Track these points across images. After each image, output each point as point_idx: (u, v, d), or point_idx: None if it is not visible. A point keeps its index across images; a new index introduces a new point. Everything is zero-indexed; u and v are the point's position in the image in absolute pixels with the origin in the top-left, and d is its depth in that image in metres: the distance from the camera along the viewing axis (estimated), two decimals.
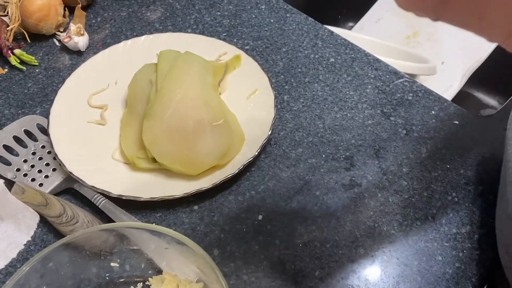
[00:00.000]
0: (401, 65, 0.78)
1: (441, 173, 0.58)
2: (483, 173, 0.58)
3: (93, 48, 0.72)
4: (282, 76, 0.68)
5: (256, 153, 0.57)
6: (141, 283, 0.48)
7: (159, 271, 0.48)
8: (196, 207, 0.55)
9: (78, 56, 0.71)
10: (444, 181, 0.57)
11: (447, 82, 0.98)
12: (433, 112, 0.64)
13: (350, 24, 1.18)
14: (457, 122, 0.63)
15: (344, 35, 0.76)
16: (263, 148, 0.58)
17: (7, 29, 0.68)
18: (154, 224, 0.53)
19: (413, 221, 0.54)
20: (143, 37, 0.70)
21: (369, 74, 0.69)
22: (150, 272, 0.48)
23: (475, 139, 0.61)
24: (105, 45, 0.71)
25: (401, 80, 0.68)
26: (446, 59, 0.99)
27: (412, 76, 0.77)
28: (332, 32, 0.74)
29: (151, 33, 0.72)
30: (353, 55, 0.71)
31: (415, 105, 0.65)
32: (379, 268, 0.50)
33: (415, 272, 0.50)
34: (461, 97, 0.98)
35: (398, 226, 0.53)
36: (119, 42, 0.69)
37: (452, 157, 0.59)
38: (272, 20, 0.76)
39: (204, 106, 0.58)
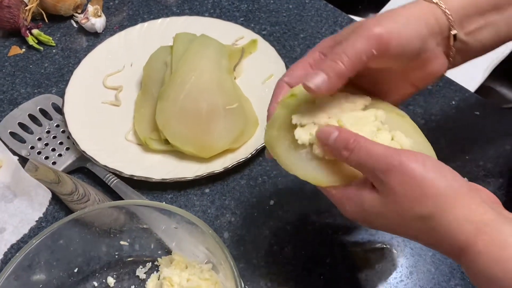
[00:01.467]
0: None
1: (460, 164, 0.56)
2: (503, 166, 0.56)
3: (110, 30, 0.72)
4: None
5: None
6: (150, 263, 0.47)
7: (168, 252, 0.47)
8: (207, 190, 0.54)
9: (95, 37, 0.71)
10: (463, 173, 0.54)
11: (468, 76, 0.95)
12: (453, 103, 0.63)
13: (370, 15, 1.16)
14: (478, 113, 0.61)
15: None
16: None
17: (26, 8, 0.68)
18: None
19: None
20: (159, 20, 0.69)
21: None
22: (159, 252, 0.48)
23: (496, 131, 0.59)
24: (122, 27, 0.71)
25: None
26: None
27: None
28: (351, 19, 0.73)
29: (168, 16, 0.72)
30: None
31: (435, 95, 0.63)
32: (392, 257, 0.49)
33: (428, 262, 0.49)
34: (483, 91, 0.95)
35: None
36: (135, 24, 0.69)
37: (471, 149, 0.58)
38: (290, 6, 0.75)
39: (218, 89, 0.57)
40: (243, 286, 0.38)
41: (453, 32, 0.38)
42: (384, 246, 0.50)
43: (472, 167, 0.56)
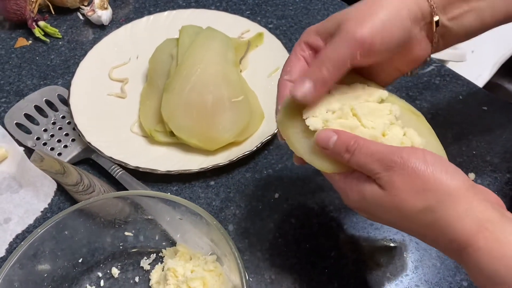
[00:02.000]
0: None
1: (467, 159, 0.56)
2: (510, 161, 0.56)
3: (116, 22, 0.72)
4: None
5: (275, 131, 0.56)
6: (155, 254, 0.47)
7: (172, 243, 0.47)
8: (212, 183, 0.54)
9: (101, 30, 0.71)
10: (469, 167, 0.55)
11: (476, 72, 0.94)
12: (460, 97, 0.62)
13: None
14: (485, 108, 0.61)
15: None
16: None
17: (32, 0, 0.68)
18: None
19: None
20: (166, 13, 0.69)
21: None
22: (164, 243, 0.48)
23: (503, 126, 0.59)
24: (128, 20, 0.71)
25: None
26: (476, 47, 0.95)
27: (441, 62, 0.74)
28: None
29: (174, 9, 0.71)
30: None
31: (442, 89, 0.63)
32: (397, 252, 0.49)
33: (434, 257, 0.48)
34: (491, 87, 0.94)
35: None
36: (142, 17, 0.69)
37: (478, 143, 0.57)
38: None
39: (224, 82, 0.57)
40: (247, 278, 0.38)
41: (436, 18, 0.38)
42: (390, 240, 0.49)
43: (479, 162, 0.55)
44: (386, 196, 0.33)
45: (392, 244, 0.49)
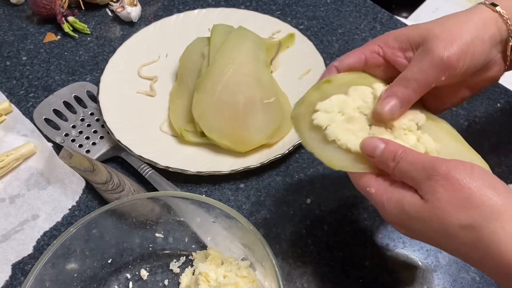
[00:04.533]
0: None
1: (505, 169, 0.54)
2: None
3: (145, 19, 0.71)
4: (337, 58, 0.65)
5: None
6: (184, 257, 0.46)
7: (203, 246, 0.46)
8: (242, 185, 0.53)
9: (130, 27, 0.70)
10: (509, 178, 0.53)
11: None
12: (498, 105, 0.60)
13: (404, 14, 1.13)
14: None
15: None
16: None
17: None
18: None
19: None
20: (196, 11, 0.68)
21: None
22: (193, 246, 0.47)
23: None
24: (157, 17, 0.70)
25: None
26: None
27: None
28: (391, 16, 0.71)
29: (204, 7, 0.70)
30: None
31: (479, 96, 0.61)
32: (434, 263, 0.47)
33: (473, 270, 0.46)
34: None
35: None
36: (170, 15, 0.68)
37: None
38: (328, 1, 0.73)
39: (256, 83, 0.56)
40: (284, 285, 0.37)
41: None
42: (426, 251, 0.48)
43: None
44: (427, 207, 0.32)
45: (429, 255, 0.47)
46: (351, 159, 0.37)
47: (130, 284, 0.45)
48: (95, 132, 0.57)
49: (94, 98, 0.59)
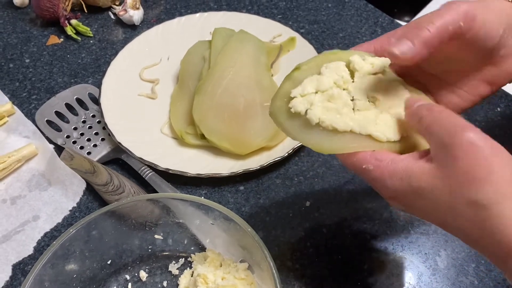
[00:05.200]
0: None
1: None
2: None
3: (147, 23, 0.71)
4: None
5: None
6: (183, 258, 0.46)
7: (202, 248, 0.46)
8: (242, 188, 0.53)
9: (132, 30, 0.70)
10: None
11: None
12: (498, 109, 0.60)
13: (406, 19, 1.13)
14: None
15: None
16: None
17: None
18: None
19: None
20: (197, 14, 0.69)
21: None
22: (192, 248, 0.47)
23: None
24: (159, 20, 0.70)
25: None
26: None
27: None
28: (392, 20, 0.71)
29: (206, 11, 0.71)
30: None
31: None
32: (432, 267, 0.47)
33: (471, 274, 0.46)
34: None
35: None
36: (173, 18, 0.68)
37: None
38: (330, 5, 0.73)
39: (256, 86, 0.56)
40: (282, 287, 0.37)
41: None
42: (425, 254, 0.48)
43: None
44: (440, 174, 0.30)
45: (428, 259, 0.47)
46: (340, 139, 0.35)
47: (129, 285, 0.45)
48: (96, 134, 0.57)
49: (96, 100, 0.60)
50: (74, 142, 0.56)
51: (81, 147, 0.56)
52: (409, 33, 0.34)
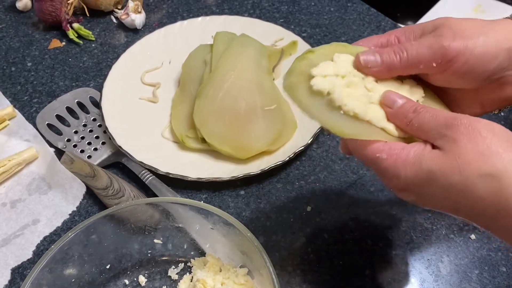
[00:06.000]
0: None
1: None
2: None
3: (149, 27, 0.71)
4: None
5: (309, 142, 0.54)
6: (183, 263, 0.46)
7: (201, 253, 0.46)
8: (242, 192, 0.53)
9: (134, 34, 0.70)
10: None
11: None
12: (502, 114, 0.60)
13: (409, 23, 1.13)
14: None
15: None
16: (316, 138, 0.56)
17: (68, 2, 0.69)
18: None
19: (475, 226, 0.49)
20: (199, 18, 0.69)
21: None
22: (192, 253, 0.46)
23: None
24: (161, 24, 0.70)
25: None
26: None
27: None
28: (395, 24, 0.71)
29: (208, 15, 0.71)
30: None
31: None
32: (435, 273, 0.46)
33: (475, 281, 0.46)
34: None
35: (458, 231, 0.49)
36: (174, 22, 0.68)
37: None
38: (332, 9, 0.73)
39: (258, 89, 0.56)
40: None
41: None
42: (427, 260, 0.47)
43: None
44: (447, 157, 0.30)
45: (430, 265, 0.47)
46: (359, 126, 0.34)
47: None
48: (97, 137, 0.57)
49: (97, 104, 0.59)
50: (75, 146, 0.56)
51: (82, 151, 0.56)
52: (386, 49, 0.36)
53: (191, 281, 0.44)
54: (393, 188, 0.34)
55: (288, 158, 0.53)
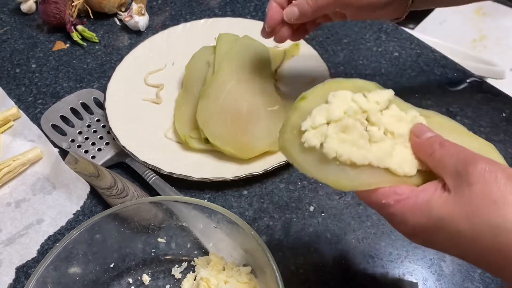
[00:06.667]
0: (467, 66, 0.74)
1: None
2: None
3: (152, 29, 0.72)
4: (342, 67, 0.66)
5: None
6: (186, 262, 0.46)
7: (205, 252, 0.46)
8: (245, 192, 0.53)
9: (137, 36, 0.71)
10: None
11: None
12: (503, 115, 0.60)
13: (411, 26, 1.14)
14: None
15: None
16: None
17: (72, 4, 0.69)
18: None
19: None
20: (202, 20, 0.69)
21: (435, 71, 0.65)
22: (195, 252, 0.47)
23: None
24: (165, 26, 0.71)
25: (470, 79, 0.64)
26: None
27: (480, 78, 0.72)
28: (397, 26, 0.71)
29: (211, 17, 0.71)
30: (418, 51, 0.67)
31: (483, 106, 0.61)
32: (437, 272, 0.46)
33: (477, 280, 0.46)
34: None
35: None
36: (178, 24, 0.69)
37: None
38: None
39: (260, 91, 0.57)
40: None
41: None
42: (430, 260, 0.47)
43: None
44: (458, 202, 0.30)
45: (434, 266, 0.47)
46: (359, 174, 0.33)
47: None
48: (101, 138, 0.57)
49: (101, 105, 0.60)
50: (79, 146, 0.57)
51: (86, 151, 0.56)
52: (298, 2, 0.48)
53: (195, 280, 0.45)
54: (400, 232, 0.34)
55: None
